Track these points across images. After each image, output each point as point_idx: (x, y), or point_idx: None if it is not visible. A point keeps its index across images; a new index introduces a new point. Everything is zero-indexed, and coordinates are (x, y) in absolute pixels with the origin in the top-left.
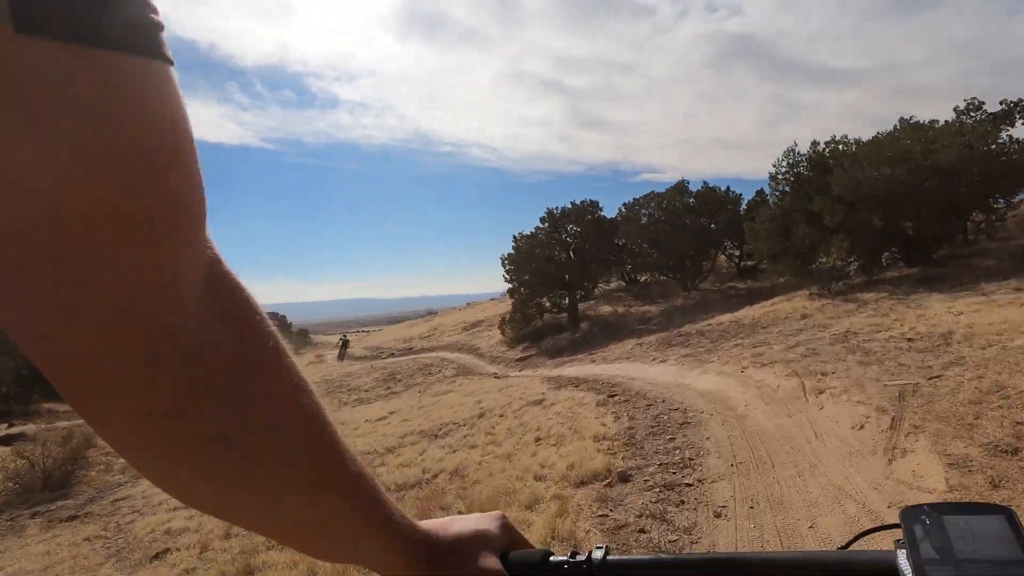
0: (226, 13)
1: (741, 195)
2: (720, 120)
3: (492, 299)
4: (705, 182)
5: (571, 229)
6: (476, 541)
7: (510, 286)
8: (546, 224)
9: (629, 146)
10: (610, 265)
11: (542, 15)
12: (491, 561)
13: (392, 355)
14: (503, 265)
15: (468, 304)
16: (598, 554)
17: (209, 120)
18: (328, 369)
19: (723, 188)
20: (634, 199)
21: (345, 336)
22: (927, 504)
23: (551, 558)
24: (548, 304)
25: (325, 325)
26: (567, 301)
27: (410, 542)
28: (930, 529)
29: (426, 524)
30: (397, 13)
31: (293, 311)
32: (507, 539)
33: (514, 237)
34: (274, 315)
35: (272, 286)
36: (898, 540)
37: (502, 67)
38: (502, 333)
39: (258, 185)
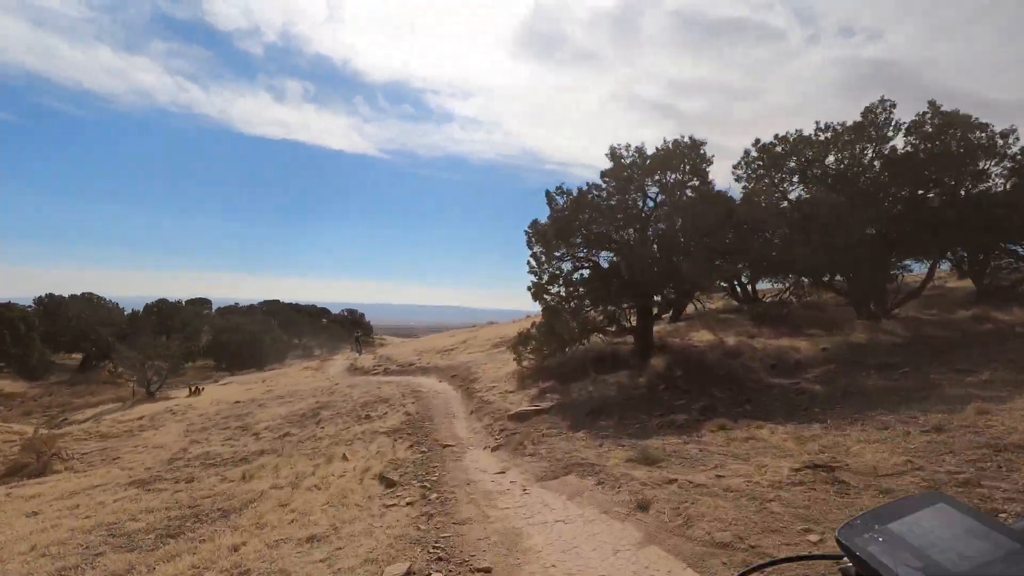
0: (361, 31)
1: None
2: None
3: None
4: (932, 101)
5: (656, 196)
6: None
7: (535, 279)
8: (610, 182)
9: None
10: (726, 264)
11: (660, 39)
12: None
13: (386, 371)
14: (529, 245)
15: (528, 317)
16: None
17: (336, 130)
18: (299, 382)
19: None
20: (775, 138)
21: (358, 334)
22: (858, 518)
23: None
24: (600, 318)
25: (404, 329)
26: (630, 315)
27: None
28: (890, 546)
29: None
30: (516, 34)
31: (381, 312)
32: None
33: (547, 194)
34: (352, 312)
35: (371, 285)
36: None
37: (613, 88)
38: (516, 358)
39: (371, 191)
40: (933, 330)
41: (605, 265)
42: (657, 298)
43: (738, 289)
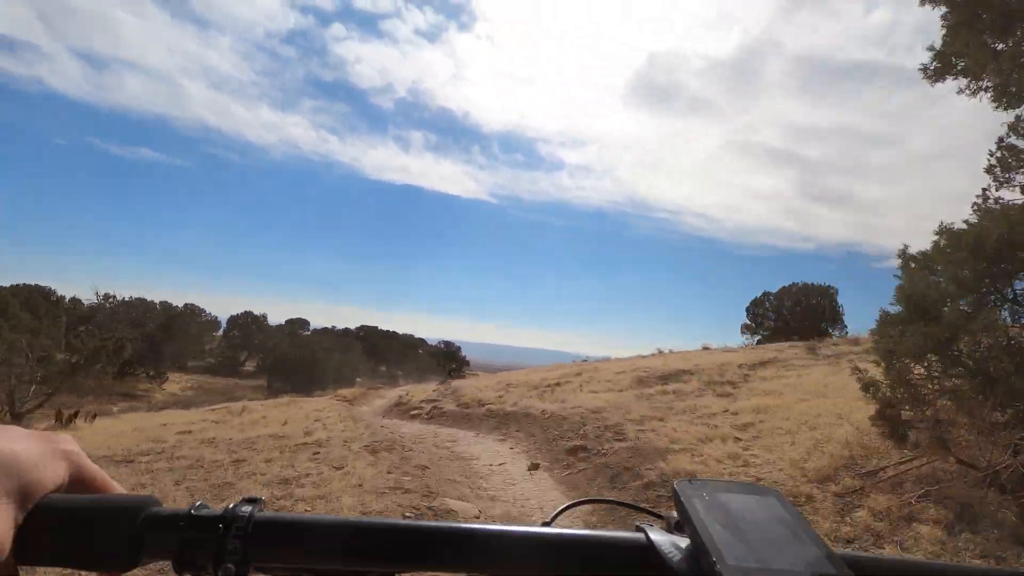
0: (482, 86)
1: None
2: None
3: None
4: None
5: None
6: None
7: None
8: None
9: (874, 226)
10: None
11: (781, 85)
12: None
13: (434, 415)
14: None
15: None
16: (245, 509)
17: (454, 177)
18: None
19: None
20: None
21: (452, 367)
22: (699, 480)
23: (154, 510)
24: None
25: (504, 368)
26: None
27: None
28: (711, 507)
29: None
30: (629, 85)
31: (485, 351)
32: (62, 475)
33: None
34: (448, 344)
35: (477, 325)
36: (672, 518)
37: (727, 136)
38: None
39: (482, 234)
40: None
41: None
42: None
43: None
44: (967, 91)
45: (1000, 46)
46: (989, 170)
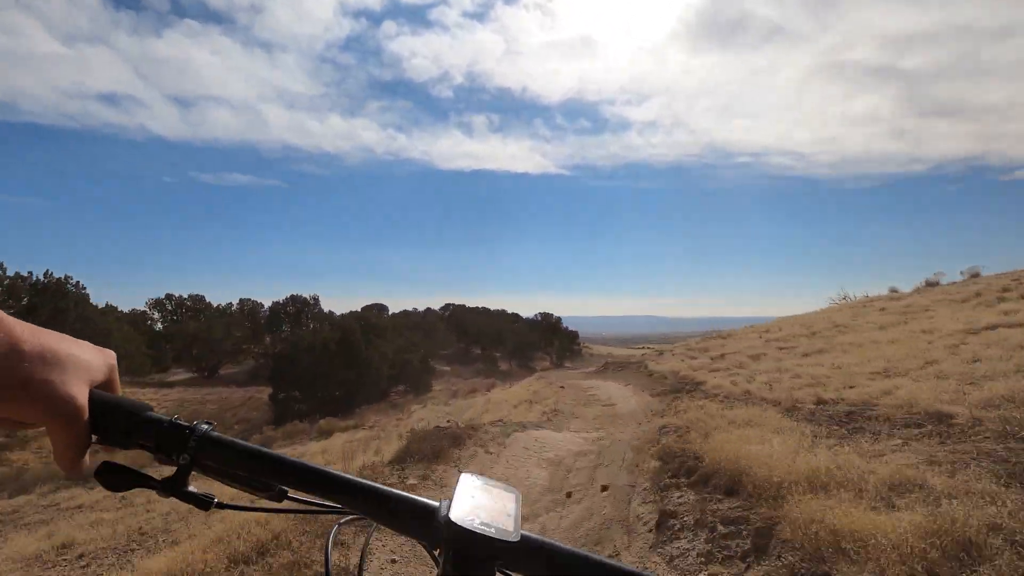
0: (536, 58)
1: None
2: None
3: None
4: None
5: None
6: (69, 362)
7: None
8: None
9: (1000, 134)
10: None
11: None
12: (76, 389)
13: None
14: None
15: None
16: (203, 427)
17: (521, 154)
18: None
19: None
20: None
21: None
22: (480, 476)
23: (149, 413)
24: None
25: (615, 339)
26: None
27: None
28: (471, 491)
29: (16, 325)
30: (690, 27)
31: (585, 324)
32: (104, 377)
33: None
34: (547, 316)
35: (571, 301)
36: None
37: (813, 62)
38: None
39: (557, 209)
40: None
41: None
42: None
43: None
44: None
45: None
46: None
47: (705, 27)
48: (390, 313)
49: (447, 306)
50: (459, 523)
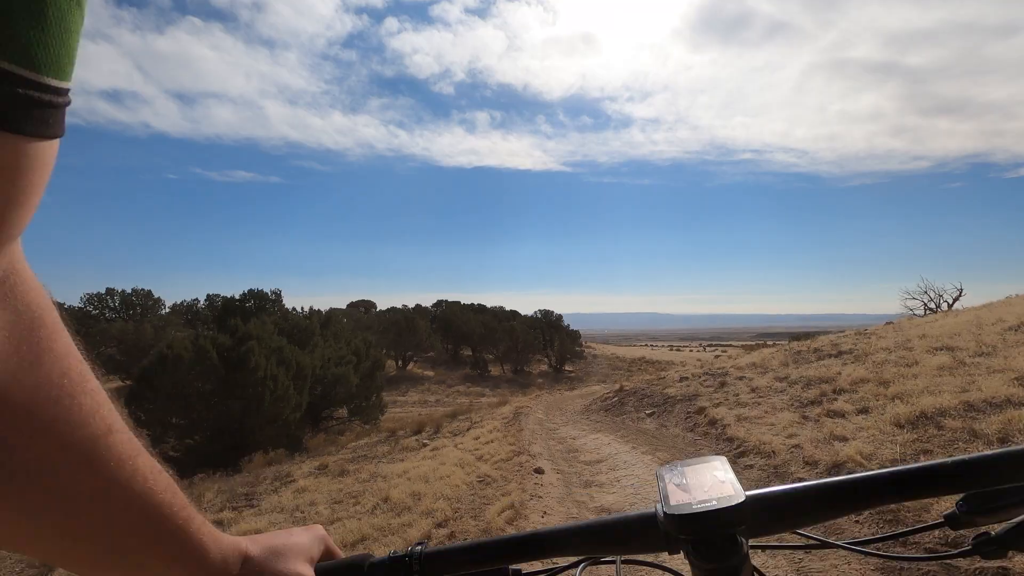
0: (538, 54)
1: None
2: None
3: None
4: None
5: None
6: (289, 551)
7: None
8: None
9: (1003, 131)
10: None
11: None
12: (301, 569)
13: None
14: None
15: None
16: (418, 549)
17: (523, 151)
18: None
19: None
20: None
21: None
22: (677, 462)
23: (370, 560)
24: None
25: (617, 336)
26: None
27: (224, 560)
28: (675, 477)
29: (241, 540)
30: (692, 24)
31: (586, 321)
32: (322, 550)
33: None
34: (548, 313)
35: (571, 298)
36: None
37: (815, 59)
38: None
39: (557, 205)
40: None
41: None
42: None
43: None
44: None
45: None
46: None
47: (707, 24)
48: (377, 310)
49: (439, 302)
50: (677, 512)
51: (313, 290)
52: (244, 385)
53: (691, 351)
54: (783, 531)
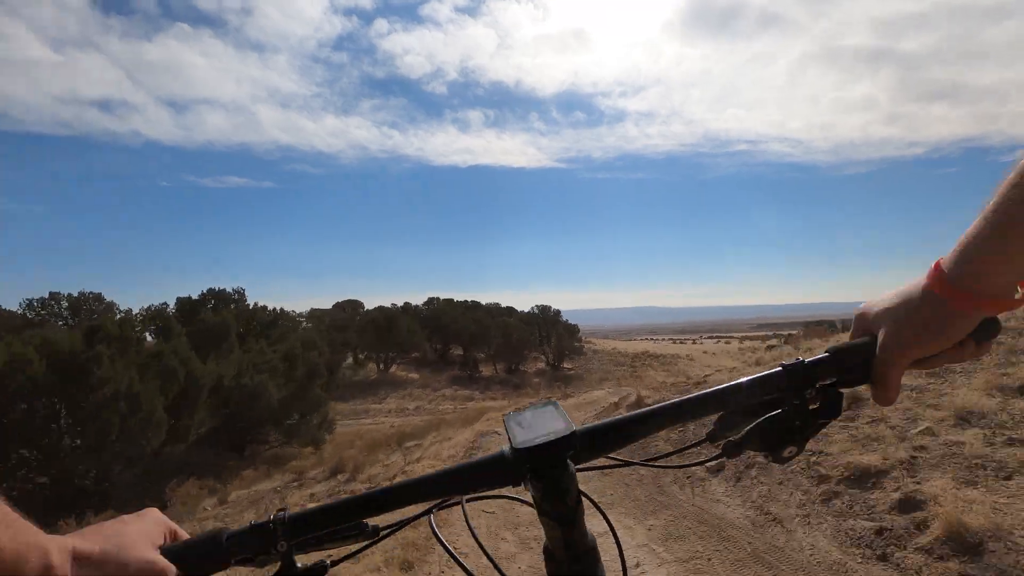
0: (530, 51)
1: None
2: None
3: None
4: None
5: None
6: (128, 539)
7: None
8: None
9: (997, 115)
10: None
11: None
12: (149, 555)
13: None
14: None
15: None
16: (281, 515)
17: (517, 148)
18: None
19: None
20: None
21: None
22: (520, 409)
23: (227, 532)
24: None
25: (616, 331)
26: None
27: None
28: (517, 420)
29: (66, 538)
30: (684, 17)
31: (584, 317)
32: (164, 533)
33: None
34: (545, 309)
35: (570, 295)
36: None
37: (807, 49)
38: None
39: (553, 202)
40: None
41: None
42: None
43: None
44: None
45: None
46: None
47: (698, 17)
48: (364, 309)
49: (430, 300)
50: (522, 446)
51: (312, 292)
52: (88, 406)
53: (694, 343)
54: (602, 455)
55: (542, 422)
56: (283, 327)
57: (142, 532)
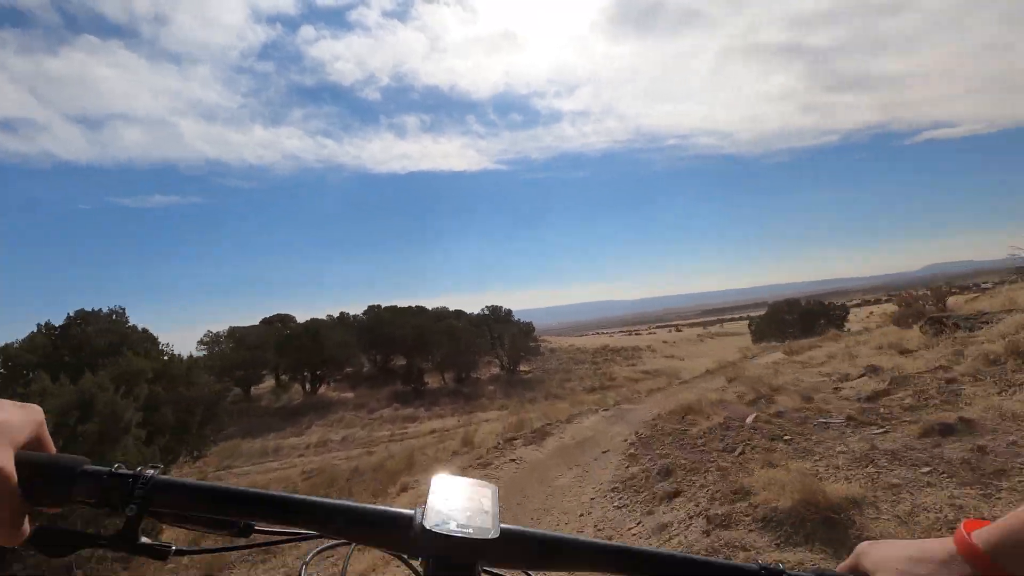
0: (461, 54)
1: None
2: None
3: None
4: None
5: None
6: None
7: None
8: None
9: (899, 102)
10: None
11: None
12: (2, 451)
13: None
14: None
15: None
16: (149, 473)
17: (454, 152)
18: None
19: None
20: None
21: None
22: (447, 474)
23: (86, 467)
24: None
25: (569, 328)
26: None
27: None
28: (444, 489)
29: None
30: (609, 16)
31: (536, 316)
32: (32, 436)
33: None
34: (496, 309)
35: (519, 294)
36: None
37: (727, 44)
38: None
39: (496, 204)
40: None
41: None
42: None
43: None
44: None
45: None
46: None
47: (623, 15)
48: (296, 322)
49: (370, 308)
50: (435, 530)
51: (250, 309)
52: None
53: (648, 333)
54: (520, 569)
55: (471, 504)
56: (133, 349)
57: (9, 424)
